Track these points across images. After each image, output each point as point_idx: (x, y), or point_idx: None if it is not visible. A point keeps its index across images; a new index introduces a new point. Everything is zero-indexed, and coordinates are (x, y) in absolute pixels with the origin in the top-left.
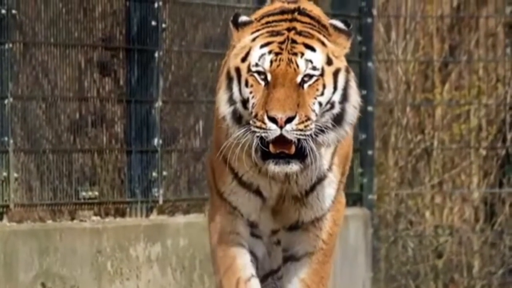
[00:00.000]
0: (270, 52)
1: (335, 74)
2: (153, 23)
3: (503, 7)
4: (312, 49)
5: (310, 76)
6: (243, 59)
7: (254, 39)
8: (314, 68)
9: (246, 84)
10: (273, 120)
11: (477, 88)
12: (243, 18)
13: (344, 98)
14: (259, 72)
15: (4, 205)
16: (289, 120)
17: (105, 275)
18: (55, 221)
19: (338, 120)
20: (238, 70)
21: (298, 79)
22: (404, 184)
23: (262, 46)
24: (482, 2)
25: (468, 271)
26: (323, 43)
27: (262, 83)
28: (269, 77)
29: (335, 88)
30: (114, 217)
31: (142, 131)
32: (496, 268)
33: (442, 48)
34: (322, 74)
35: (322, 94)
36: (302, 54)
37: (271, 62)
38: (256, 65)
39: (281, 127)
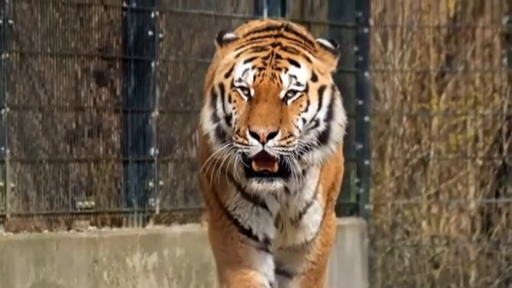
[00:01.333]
0: (253, 67)
1: (320, 91)
2: (150, 33)
3: (499, 17)
4: (297, 64)
5: (294, 92)
6: (227, 75)
7: (238, 55)
8: (298, 84)
9: (230, 100)
10: (255, 135)
11: (473, 98)
12: (227, 35)
13: (330, 116)
14: (242, 88)
15: (1, 215)
16: (271, 135)
17: (101, 285)
18: (52, 231)
19: (323, 138)
20: (221, 86)
21: (282, 94)
22: (400, 194)
23: (246, 62)
24: (478, 13)
25: (465, 281)
26: (308, 59)
27: (245, 98)
28: (252, 92)
29: (320, 105)
30: (111, 227)
31: (139, 141)
32: (492, 278)
33: (438, 58)
34: (306, 90)
35: (306, 110)
36: (286, 69)
37: (255, 77)
38: (240, 80)
39: (263, 143)
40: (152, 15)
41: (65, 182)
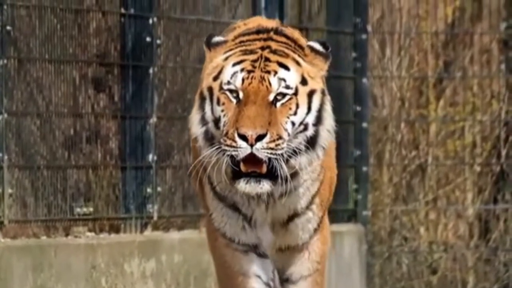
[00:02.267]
0: (242, 70)
1: (310, 95)
2: (148, 39)
3: (497, 23)
4: (286, 67)
5: (283, 95)
6: (215, 78)
7: (226, 58)
8: (287, 87)
9: (218, 103)
10: (243, 137)
11: (471, 104)
12: (216, 39)
13: (318, 120)
14: (231, 90)
15: None
16: (260, 137)
17: None
18: (50, 237)
19: (312, 143)
20: (210, 89)
21: (271, 97)
22: (398, 201)
23: (234, 64)
24: (476, 19)
25: (463, 287)
26: (297, 63)
27: (234, 101)
28: (241, 95)
29: (309, 108)
30: (109, 233)
31: (137, 147)
32: (490, 284)
33: (436, 65)
34: (295, 94)
35: (295, 113)
36: (275, 72)
37: (243, 79)
38: (228, 83)
39: (251, 145)
40: (150, 21)
41: (63, 188)
